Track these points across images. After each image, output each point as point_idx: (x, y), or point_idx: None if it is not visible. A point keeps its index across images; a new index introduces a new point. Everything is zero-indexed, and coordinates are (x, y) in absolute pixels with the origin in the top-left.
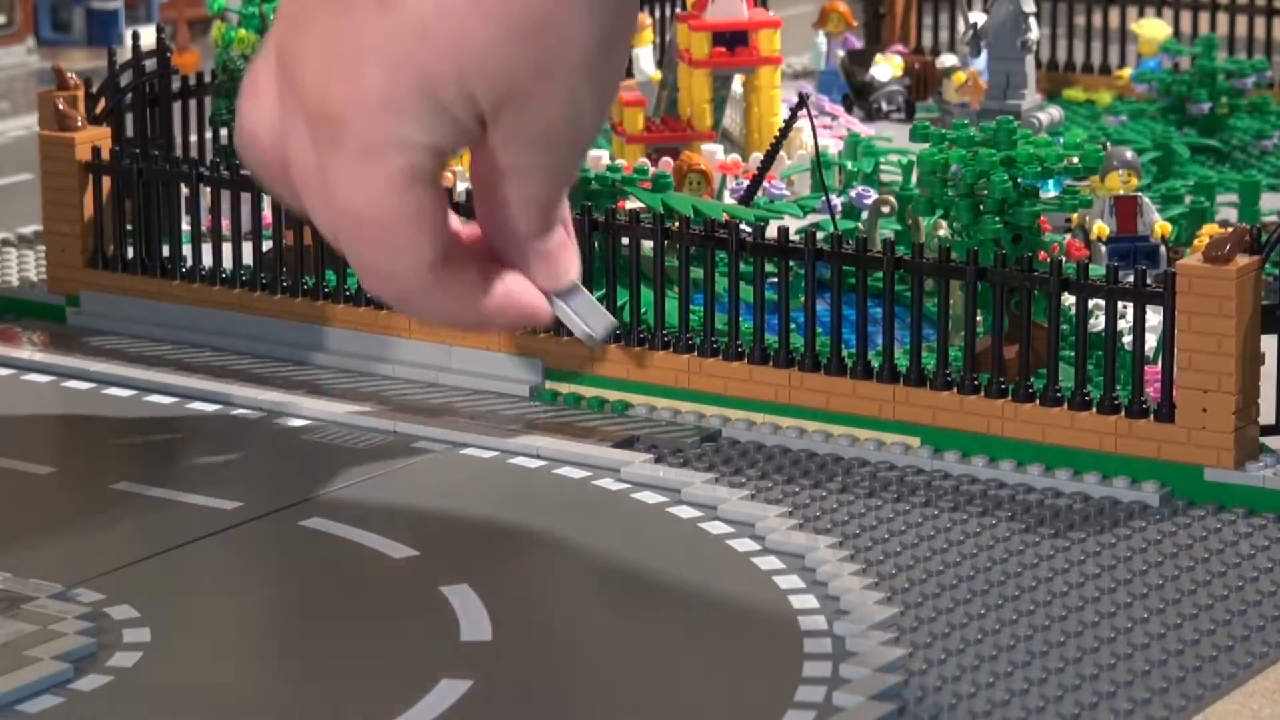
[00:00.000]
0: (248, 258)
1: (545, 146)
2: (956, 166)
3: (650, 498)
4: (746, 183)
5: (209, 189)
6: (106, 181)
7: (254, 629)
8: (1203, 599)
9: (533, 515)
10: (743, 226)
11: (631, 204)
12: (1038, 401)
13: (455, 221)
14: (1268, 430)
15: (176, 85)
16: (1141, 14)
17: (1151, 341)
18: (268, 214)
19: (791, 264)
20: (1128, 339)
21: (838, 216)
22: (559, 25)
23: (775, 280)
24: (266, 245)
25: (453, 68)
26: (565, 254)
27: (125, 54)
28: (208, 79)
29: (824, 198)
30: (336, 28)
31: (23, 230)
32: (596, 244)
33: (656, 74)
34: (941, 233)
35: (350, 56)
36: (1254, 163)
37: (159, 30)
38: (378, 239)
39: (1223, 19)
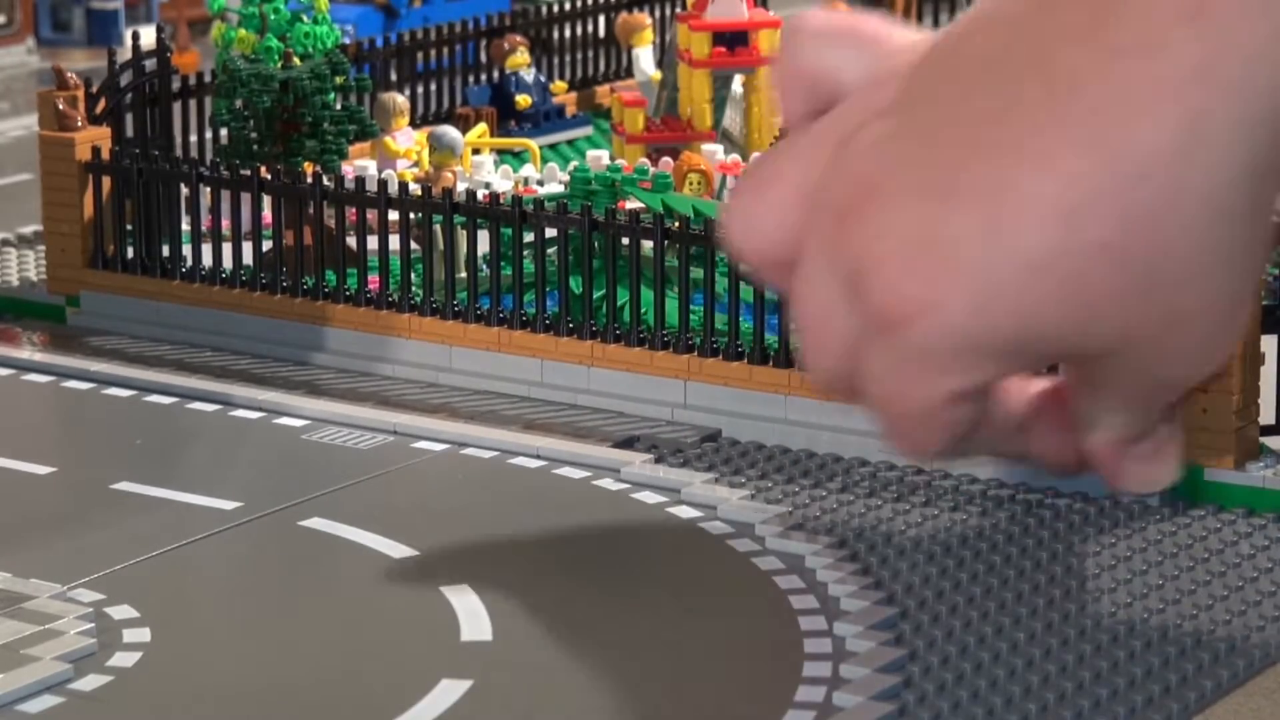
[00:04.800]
0: (248, 258)
1: (1151, 394)
2: None
3: (650, 498)
4: None
5: (209, 189)
6: (106, 181)
7: (254, 629)
8: (1203, 599)
9: (533, 515)
10: None
11: (631, 204)
12: None
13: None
14: (1268, 430)
15: (176, 85)
16: None
17: None
18: (267, 214)
19: None
20: None
21: None
22: (1202, 269)
23: None
24: (266, 245)
25: (1061, 315)
26: (1162, 459)
27: (125, 54)
28: (208, 79)
29: None
30: (936, 218)
31: (23, 230)
32: (597, 244)
33: (656, 74)
34: None
35: (941, 259)
36: None
37: (159, 30)
38: (901, 422)
39: None
